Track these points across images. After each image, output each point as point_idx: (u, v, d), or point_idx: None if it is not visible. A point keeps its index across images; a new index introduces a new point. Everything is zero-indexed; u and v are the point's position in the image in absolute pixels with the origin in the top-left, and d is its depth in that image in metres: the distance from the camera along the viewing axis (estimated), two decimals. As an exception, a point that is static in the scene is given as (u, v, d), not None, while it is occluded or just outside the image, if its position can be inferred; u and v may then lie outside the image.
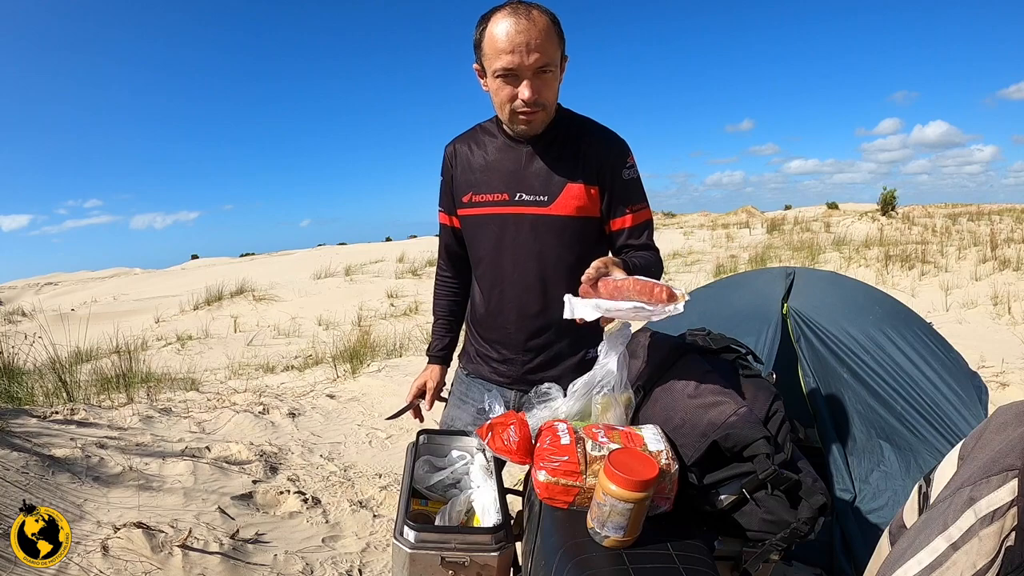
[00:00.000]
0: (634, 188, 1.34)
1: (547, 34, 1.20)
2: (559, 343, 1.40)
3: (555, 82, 1.26)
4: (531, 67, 1.20)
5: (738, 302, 2.32)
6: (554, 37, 1.22)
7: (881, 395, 1.95)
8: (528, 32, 1.18)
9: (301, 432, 3.42)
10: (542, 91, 1.23)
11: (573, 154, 1.31)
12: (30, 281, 18.43)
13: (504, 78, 1.22)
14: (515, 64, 1.20)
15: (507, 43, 1.18)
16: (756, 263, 10.56)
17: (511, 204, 1.33)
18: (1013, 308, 6.43)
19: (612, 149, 1.32)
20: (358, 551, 2.21)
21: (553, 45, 1.21)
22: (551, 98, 1.27)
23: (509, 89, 1.23)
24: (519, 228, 1.33)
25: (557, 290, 1.25)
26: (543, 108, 1.26)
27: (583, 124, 1.35)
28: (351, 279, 11.92)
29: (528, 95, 1.22)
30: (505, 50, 1.19)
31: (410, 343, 6.24)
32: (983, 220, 14.43)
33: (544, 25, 1.19)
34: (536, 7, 1.21)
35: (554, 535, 0.95)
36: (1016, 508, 0.71)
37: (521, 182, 1.32)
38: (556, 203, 1.30)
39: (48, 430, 2.66)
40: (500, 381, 1.47)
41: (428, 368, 1.62)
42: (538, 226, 1.32)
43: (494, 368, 1.47)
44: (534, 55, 1.19)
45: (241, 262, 21.36)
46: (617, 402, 1.16)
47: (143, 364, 4.93)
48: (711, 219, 23.18)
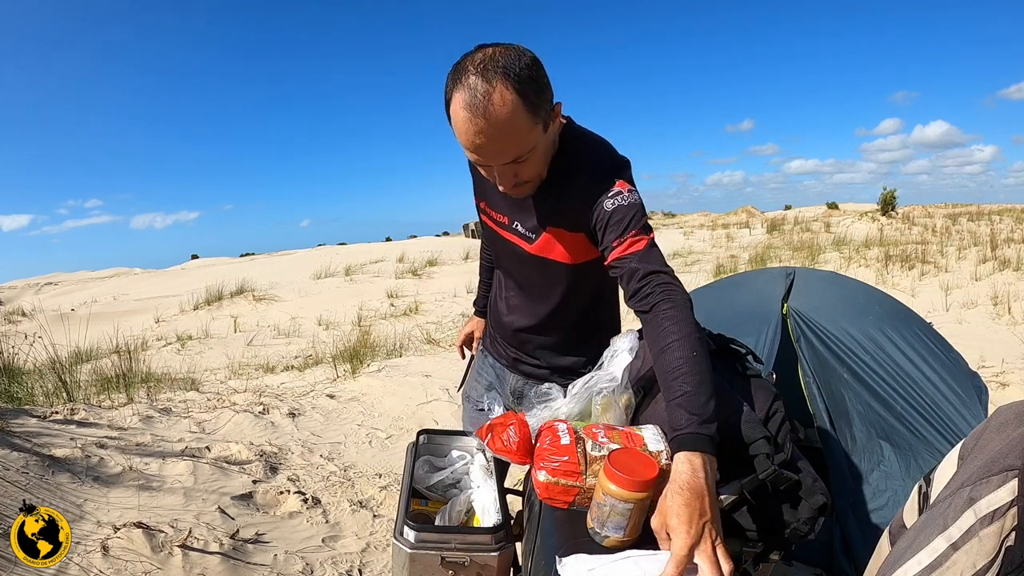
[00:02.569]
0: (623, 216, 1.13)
1: (510, 127, 1.02)
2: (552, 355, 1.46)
3: (537, 156, 1.12)
4: (499, 164, 1.09)
5: (738, 302, 2.32)
6: (526, 121, 1.03)
7: (881, 395, 1.95)
8: (486, 134, 1.02)
9: (301, 432, 3.42)
10: (521, 173, 1.12)
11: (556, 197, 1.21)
12: (30, 281, 18.43)
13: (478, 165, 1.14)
14: (481, 163, 1.11)
15: (468, 142, 1.05)
16: (756, 263, 10.56)
17: (510, 230, 1.32)
18: (1013, 308, 6.43)
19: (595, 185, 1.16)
20: (358, 551, 2.21)
21: (526, 131, 1.05)
22: (535, 172, 1.15)
23: (488, 171, 1.14)
24: (516, 256, 1.33)
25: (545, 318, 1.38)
26: (527, 183, 1.16)
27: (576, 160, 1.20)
28: (351, 279, 11.92)
29: (505, 186, 1.14)
30: (468, 148, 1.07)
31: (410, 343, 6.24)
32: (983, 220, 14.43)
33: (504, 119, 1.01)
34: (500, 83, 1.00)
35: (554, 535, 0.95)
36: (1016, 508, 0.71)
37: (518, 212, 1.28)
38: (536, 244, 1.26)
39: (48, 430, 2.66)
40: (504, 363, 1.56)
41: (471, 319, 1.82)
42: (525, 260, 1.31)
43: (499, 349, 1.56)
44: (499, 157, 1.07)
45: (241, 262, 21.36)
46: (617, 402, 1.16)
47: (143, 364, 4.93)
48: (711, 219, 23.18)
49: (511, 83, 1.00)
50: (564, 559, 0.87)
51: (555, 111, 1.12)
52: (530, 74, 1.03)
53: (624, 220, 1.12)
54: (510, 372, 1.56)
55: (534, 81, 1.03)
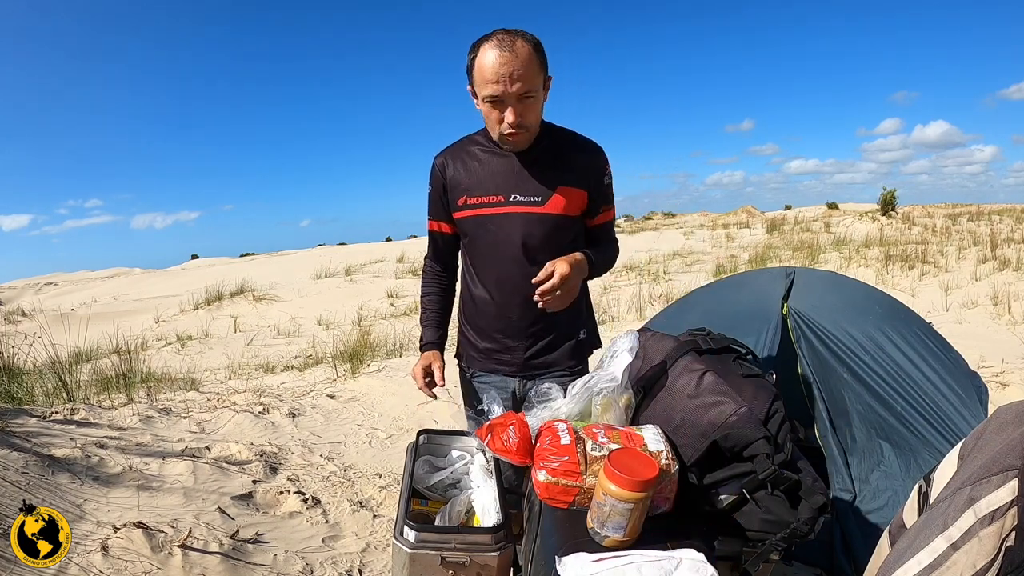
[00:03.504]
0: (610, 191, 1.55)
1: (529, 63, 1.32)
2: (556, 328, 1.55)
3: (537, 104, 1.40)
4: (514, 95, 1.34)
5: (738, 302, 2.31)
6: (535, 64, 1.34)
7: (881, 395, 1.95)
8: (511, 63, 1.30)
9: (301, 432, 3.42)
10: (525, 115, 1.38)
11: (562, 163, 1.47)
12: (30, 281, 18.43)
13: (492, 103, 1.37)
14: (500, 92, 1.33)
15: (493, 73, 1.32)
16: (756, 263, 10.56)
17: (506, 205, 1.47)
18: (1013, 308, 6.43)
19: (596, 159, 1.50)
20: (358, 551, 2.21)
21: (534, 72, 1.34)
22: (534, 120, 1.41)
23: (496, 113, 1.38)
24: (513, 224, 1.47)
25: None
26: (527, 129, 1.40)
27: (567, 136, 1.51)
28: (351, 279, 11.92)
29: (512, 119, 1.37)
30: (491, 80, 1.32)
31: (410, 343, 6.24)
32: (983, 220, 14.43)
33: (526, 55, 1.32)
34: (520, 36, 1.33)
35: (554, 535, 0.95)
36: (1016, 508, 0.71)
37: (515, 186, 1.47)
38: (548, 203, 1.46)
39: (48, 430, 2.66)
40: (505, 371, 1.58)
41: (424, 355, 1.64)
42: (531, 222, 1.47)
43: (498, 359, 1.58)
44: (516, 84, 1.32)
45: (241, 262, 21.36)
46: (617, 402, 1.16)
47: (143, 364, 4.92)
48: (711, 219, 23.18)
49: (528, 39, 1.34)
50: (564, 559, 0.87)
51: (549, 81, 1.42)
52: (539, 42, 1.37)
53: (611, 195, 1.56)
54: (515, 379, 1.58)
55: (541, 47, 1.37)
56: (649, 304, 7.65)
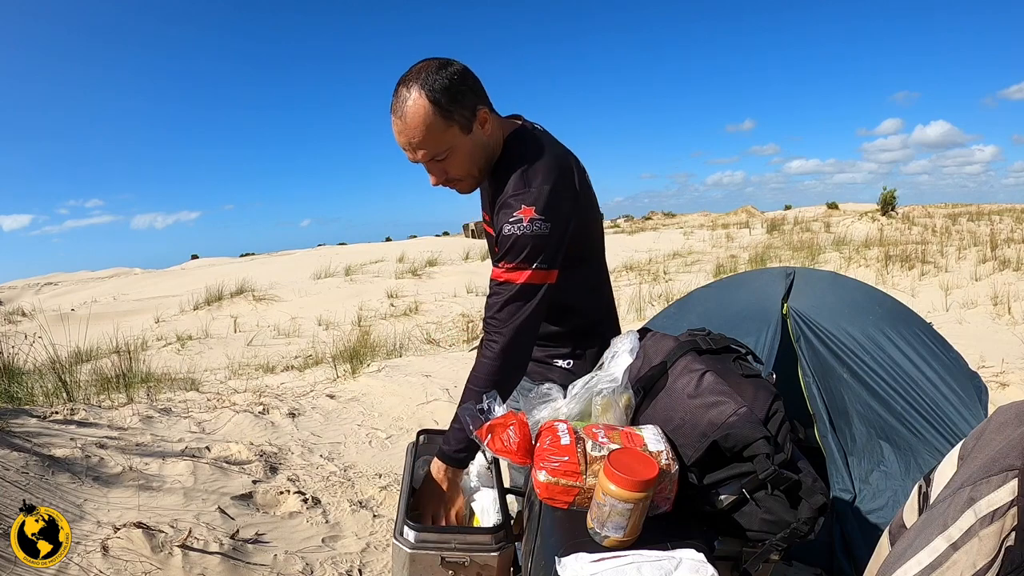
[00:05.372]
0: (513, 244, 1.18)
1: (425, 126, 1.17)
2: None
3: (459, 155, 1.23)
4: (422, 161, 1.24)
5: (738, 302, 2.32)
6: (437, 122, 1.17)
7: (881, 395, 1.95)
8: (405, 132, 1.19)
9: (301, 432, 3.42)
10: (448, 170, 1.26)
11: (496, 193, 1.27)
12: (30, 281, 18.43)
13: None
14: (411, 160, 1.25)
15: (398, 141, 1.23)
16: (756, 263, 10.56)
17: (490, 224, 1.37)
18: (1013, 308, 6.42)
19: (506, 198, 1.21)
20: (358, 551, 2.21)
21: (438, 130, 1.18)
22: (461, 171, 1.26)
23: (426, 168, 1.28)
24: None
25: None
26: (460, 180, 1.29)
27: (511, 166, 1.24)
28: (351, 279, 11.92)
29: (433, 181, 1.28)
30: (401, 147, 1.23)
31: (410, 343, 6.25)
32: (983, 220, 14.43)
33: (420, 117, 1.16)
34: (415, 87, 1.16)
35: (554, 535, 0.95)
36: (1016, 508, 0.71)
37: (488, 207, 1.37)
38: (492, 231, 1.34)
39: (48, 430, 2.66)
40: None
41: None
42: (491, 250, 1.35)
43: None
44: (419, 152, 1.21)
45: (241, 262, 21.36)
46: (617, 402, 1.16)
47: (143, 364, 4.93)
48: (711, 219, 23.18)
49: (425, 91, 1.17)
50: (564, 559, 0.87)
51: (479, 116, 1.23)
52: (447, 84, 1.18)
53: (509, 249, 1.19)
54: None
55: (448, 90, 1.18)
56: (649, 304, 7.65)
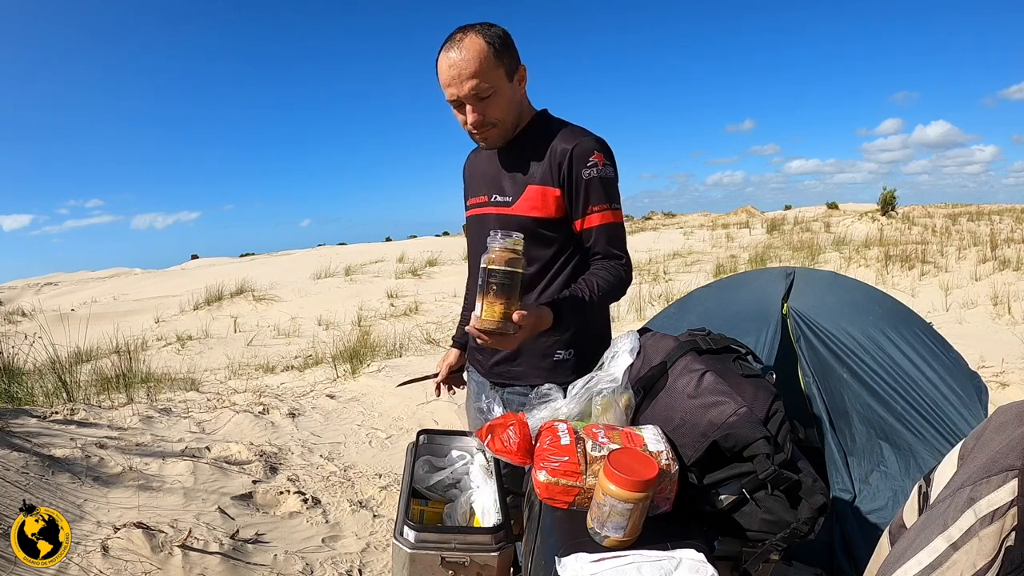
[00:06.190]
0: (594, 188, 1.30)
1: (479, 60, 1.23)
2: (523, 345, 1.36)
3: (501, 99, 1.29)
4: (467, 96, 1.26)
5: (738, 302, 2.31)
6: (489, 59, 1.24)
7: (881, 395, 1.95)
8: (459, 64, 1.23)
9: (301, 432, 3.42)
10: (487, 112, 1.29)
11: (538, 156, 1.33)
12: (30, 281, 18.42)
13: (454, 106, 1.31)
14: (453, 96, 1.27)
15: (445, 77, 1.26)
16: (756, 263, 10.56)
17: (488, 205, 1.41)
18: (1013, 308, 6.42)
19: (574, 148, 1.29)
20: (358, 551, 2.21)
21: (489, 68, 1.25)
22: (499, 115, 1.31)
23: (460, 116, 1.32)
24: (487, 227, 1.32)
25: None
26: (494, 126, 1.32)
27: (555, 128, 1.35)
28: (351, 279, 11.92)
29: (472, 119, 1.29)
30: (445, 84, 1.27)
31: (410, 343, 6.24)
32: (983, 220, 14.43)
33: (476, 52, 1.23)
34: (473, 31, 1.25)
35: (554, 535, 0.95)
36: (1016, 508, 0.71)
37: (496, 184, 1.39)
38: (517, 204, 1.35)
39: (48, 430, 2.66)
40: (480, 370, 1.54)
41: (448, 351, 1.70)
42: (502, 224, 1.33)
43: (474, 357, 1.55)
44: (468, 84, 1.24)
45: (241, 262, 21.36)
46: (617, 402, 1.16)
47: (143, 364, 4.93)
48: (711, 219, 23.18)
49: (480, 33, 1.25)
50: (564, 559, 0.87)
51: (520, 70, 1.33)
52: (497, 32, 1.27)
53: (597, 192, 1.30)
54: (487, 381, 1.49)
55: (500, 37, 1.27)
56: (649, 304, 7.65)
